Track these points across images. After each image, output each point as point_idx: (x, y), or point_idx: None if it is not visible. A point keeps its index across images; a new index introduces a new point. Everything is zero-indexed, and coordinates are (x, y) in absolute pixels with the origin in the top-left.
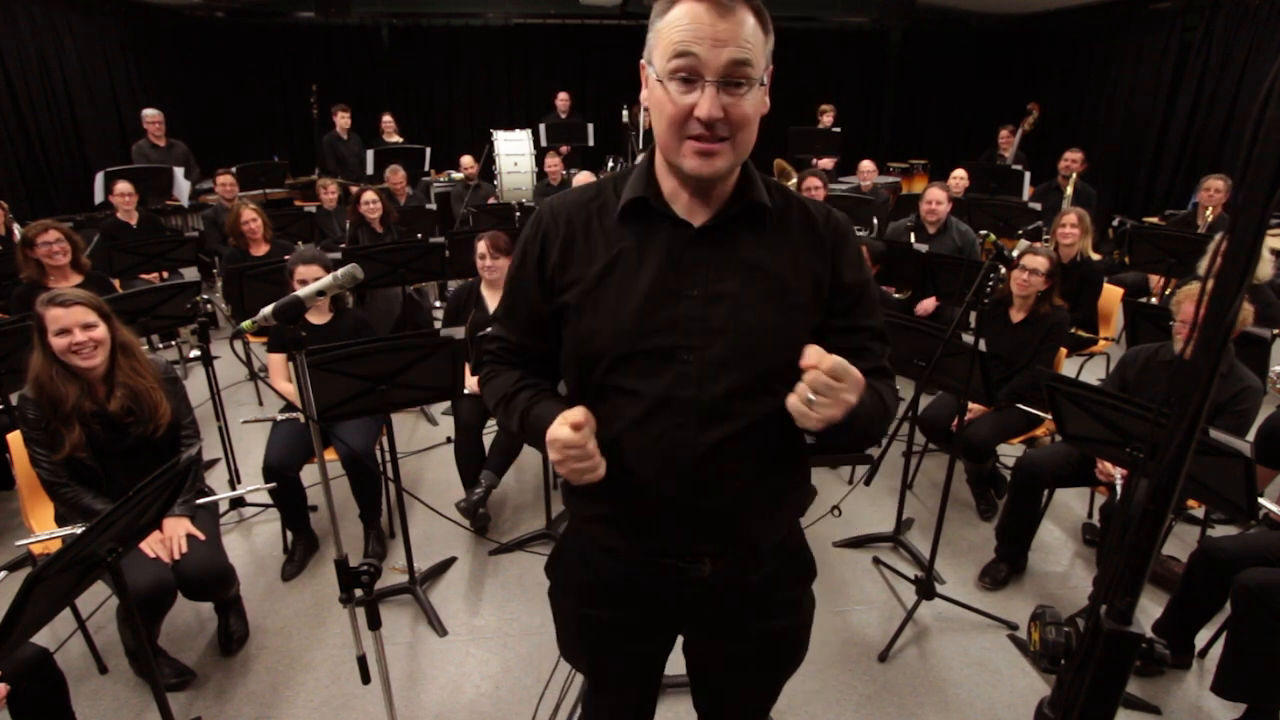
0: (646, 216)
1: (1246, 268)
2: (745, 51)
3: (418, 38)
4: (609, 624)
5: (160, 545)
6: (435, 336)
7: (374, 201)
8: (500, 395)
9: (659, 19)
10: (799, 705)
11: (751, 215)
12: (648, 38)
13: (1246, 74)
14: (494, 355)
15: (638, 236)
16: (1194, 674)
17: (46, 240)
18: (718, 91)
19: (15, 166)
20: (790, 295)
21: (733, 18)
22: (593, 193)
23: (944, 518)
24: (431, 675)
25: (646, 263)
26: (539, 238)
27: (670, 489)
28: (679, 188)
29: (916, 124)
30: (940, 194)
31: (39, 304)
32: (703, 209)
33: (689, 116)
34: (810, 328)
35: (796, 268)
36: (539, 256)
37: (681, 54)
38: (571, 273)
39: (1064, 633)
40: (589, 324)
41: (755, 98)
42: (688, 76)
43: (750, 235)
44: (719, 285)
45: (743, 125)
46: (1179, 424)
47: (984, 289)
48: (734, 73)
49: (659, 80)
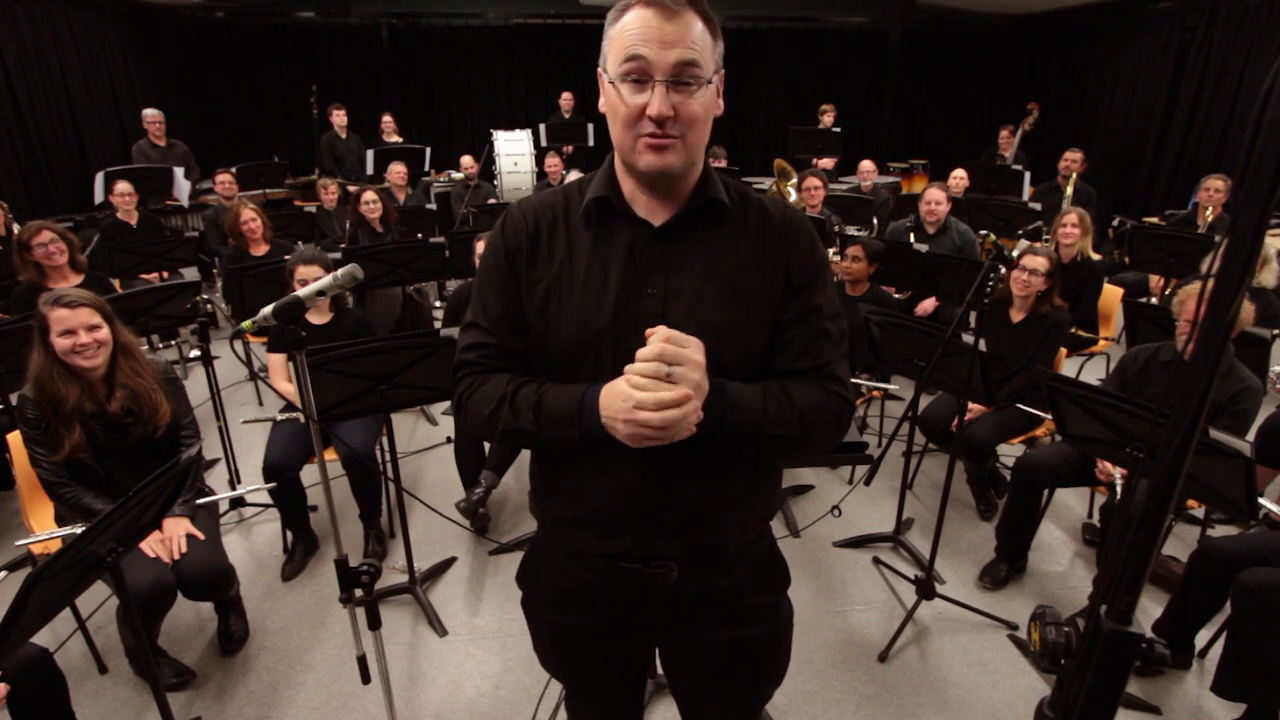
0: (608, 217)
1: (1246, 268)
2: (692, 53)
3: (417, 38)
4: (579, 632)
5: (160, 545)
6: (435, 336)
7: (374, 201)
8: (496, 399)
9: (611, 26)
10: (799, 705)
11: (710, 214)
12: (602, 45)
13: (1246, 74)
14: (474, 365)
15: (600, 236)
16: (1194, 674)
17: (41, 241)
18: (667, 90)
19: (15, 166)
20: (747, 292)
21: (680, 20)
22: (559, 195)
23: (944, 518)
24: (431, 675)
25: (607, 261)
26: (509, 234)
27: (635, 488)
28: (638, 188)
29: (916, 124)
30: (939, 194)
31: (42, 304)
32: (663, 209)
33: (641, 116)
34: (767, 324)
35: (753, 265)
36: (511, 251)
37: (632, 56)
38: (536, 270)
39: (1064, 633)
40: (551, 321)
41: (705, 97)
42: (638, 78)
43: (708, 234)
44: (677, 283)
45: (693, 124)
46: (1179, 424)
47: (984, 289)
48: (682, 73)
49: (612, 83)
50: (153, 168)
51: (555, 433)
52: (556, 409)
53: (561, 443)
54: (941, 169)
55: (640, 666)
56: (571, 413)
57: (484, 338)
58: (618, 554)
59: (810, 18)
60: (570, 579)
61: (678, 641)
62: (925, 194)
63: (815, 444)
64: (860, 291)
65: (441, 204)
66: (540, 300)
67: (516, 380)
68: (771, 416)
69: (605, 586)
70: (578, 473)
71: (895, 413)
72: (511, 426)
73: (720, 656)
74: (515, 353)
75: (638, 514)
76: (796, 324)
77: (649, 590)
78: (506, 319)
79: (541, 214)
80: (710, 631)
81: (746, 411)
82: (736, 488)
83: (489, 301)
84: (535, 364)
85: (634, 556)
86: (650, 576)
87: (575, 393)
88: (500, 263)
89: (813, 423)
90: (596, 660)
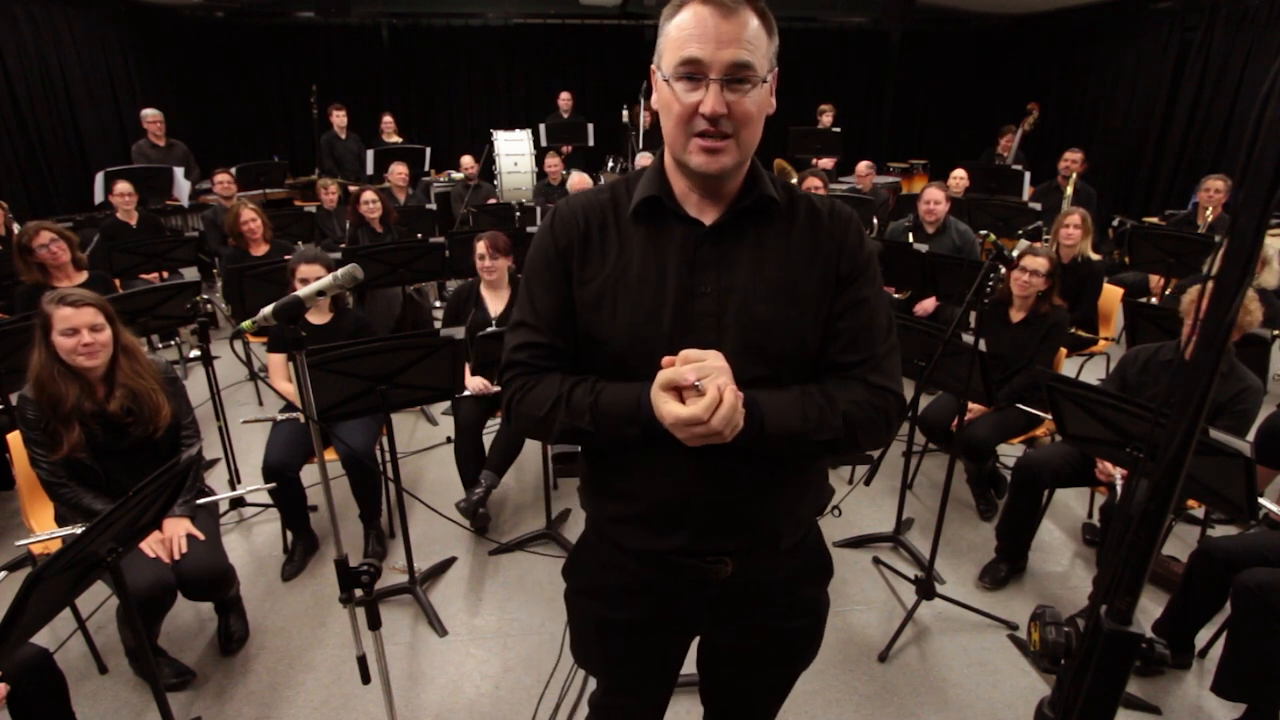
0: (659, 216)
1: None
2: (748, 52)
3: (417, 38)
4: (628, 626)
5: (160, 545)
6: (435, 336)
7: (374, 201)
8: (551, 400)
9: (667, 22)
10: (799, 705)
11: (760, 212)
12: (658, 42)
13: (1246, 74)
14: (524, 366)
15: (651, 235)
16: (1194, 674)
17: (43, 242)
18: (721, 89)
19: (15, 166)
20: (799, 287)
21: (736, 19)
22: (606, 193)
23: (944, 518)
24: (431, 675)
25: (661, 261)
26: (559, 232)
27: (693, 486)
28: (689, 188)
29: (916, 124)
30: (938, 194)
31: (46, 301)
32: (713, 208)
33: (695, 114)
34: (820, 319)
35: (805, 260)
36: (562, 250)
37: (687, 54)
38: (589, 269)
39: (1064, 633)
40: (606, 321)
41: (758, 96)
42: (693, 75)
43: (759, 231)
44: (729, 281)
45: (746, 122)
46: (1179, 424)
47: (984, 289)
48: (737, 72)
49: (666, 80)
50: (153, 168)
51: (616, 431)
52: (615, 407)
53: (622, 440)
54: (941, 169)
55: (679, 657)
56: (632, 411)
57: (534, 337)
58: (673, 550)
59: (810, 18)
60: (621, 573)
61: (723, 633)
62: (924, 194)
63: (865, 444)
64: None
65: (441, 204)
66: (594, 299)
67: (570, 380)
68: (813, 422)
69: (656, 580)
70: (633, 470)
71: None
72: (569, 426)
73: (764, 646)
74: (565, 352)
75: (694, 511)
76: (844, 317)
77: (703, 585)
78: (557, 318)
79: (591, 213)
80: (758, 623)
81: (784, 418)
82: (790, 483)
83: (538, 300)
84: (585, 363)
85: (689, 552)
86: (704, 571)
87: (633, 391)
88: (552, 261)
89: (859, 423)
90: (638, 653)
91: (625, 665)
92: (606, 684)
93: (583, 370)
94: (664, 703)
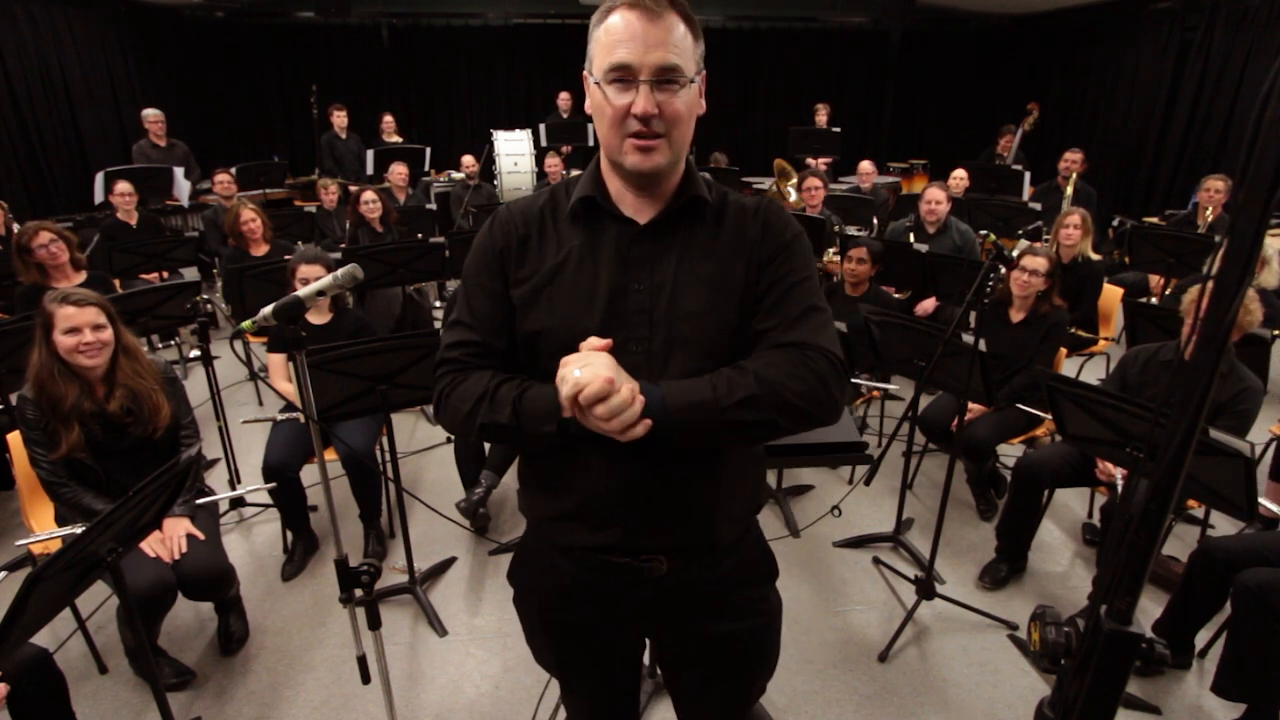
0: (595, 216)
1: (1246, 268)
2: (675, 55)
3: (417, 38)
4: (570, 627)
5: (160, 545)
6: (435, 336)
7: (374, 201)
8: (477, 395)
9: (596, 27)
10: (799, 705)
11: (693, 212)
12: (588, 48)
13: (1246, 74)
14: (456, 364)
15: (588, 235)
16: (1194, 674)
17: (42, 242)
18: (651, 90)
19: (15, 166)
20: (727, 278)
21: (662, 23)
22: (546, 196)
23: (944, 518)
24: (431, 675)
25: (596, 260)
26: (497, 235)
27: (623, 480)
28: (624, 188)
29: (916, 124)
30: (939, 194)
31: (48, 300)
32: (648, 207)
33: (627, 115)
34: (748, 305)
35: (730, 251)
36: (499, 251)
37: (616, 58)
38: (526, 269)
39: (1064, 633)
40: (541, 320)
41: (688, 96)
42: (623, 79)
43: (691, 230)
44: (661, 276)
45: (677, 122)
46: (1179, 424)
47: (984, 289)
48: (665, 74)
49: (598, 85)
50: (153, 168)
51: (534, 427)
52: (537, 404)
53: (539, 438)
54: (941, 169)
55: (633, 658)
56: (551, 408)
57: (469, 335)
58: (608, 546)
59: (810, 18)
60: (560, 574)
61: (669, 634)
62: (925, 194)
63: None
64: (860, 292)
65: (441, 204)
66: (530, 296)
67: (499, 377)
68: (722, 389)
69: (595, 580)
70: (567, 467)
71: (895, 413)
72: (490, 420)
73: (711, 649)
74: (499, 351)
75: (626, 506)
76: (767, 295)
77: (638, 584)
78: (492, 318)
79: (530, 215)
80: (700, 624)
81: (687, 390)
82: (723, 480)
83: (475, 301)
84: (522, 363)
85: (624, 550)
86: (639, 570)
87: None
88: (490, 262)
89: (777, 380)
90: (589, 653)
91: (576, 666)
92: (561, 684)
93: (522, 369)
94: (632, 705)
